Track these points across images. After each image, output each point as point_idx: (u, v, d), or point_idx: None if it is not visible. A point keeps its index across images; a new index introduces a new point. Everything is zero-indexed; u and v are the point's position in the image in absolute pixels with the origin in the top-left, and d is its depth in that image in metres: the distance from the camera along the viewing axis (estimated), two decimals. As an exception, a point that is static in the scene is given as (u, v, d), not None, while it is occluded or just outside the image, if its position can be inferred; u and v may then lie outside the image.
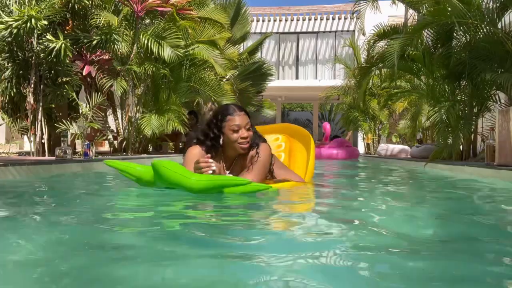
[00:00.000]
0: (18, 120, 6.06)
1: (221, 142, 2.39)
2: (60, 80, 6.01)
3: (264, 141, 2.54)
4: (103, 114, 8.36)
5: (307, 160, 3.11)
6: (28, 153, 6.08)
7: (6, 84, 5.68)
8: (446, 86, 6.62)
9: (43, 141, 5.79)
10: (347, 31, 19.44)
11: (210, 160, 2.18)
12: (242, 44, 13.60)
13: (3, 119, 6.23)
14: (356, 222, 1.70)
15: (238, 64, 12.10)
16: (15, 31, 5.15)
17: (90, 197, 2.54)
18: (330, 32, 20.00)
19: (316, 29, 20.06)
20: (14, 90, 5.71)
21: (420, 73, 7.15)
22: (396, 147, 10.70)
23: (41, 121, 5.70)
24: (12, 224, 1.61)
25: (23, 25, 5.13)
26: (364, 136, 14.08)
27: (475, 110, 6.36)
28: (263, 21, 20.31)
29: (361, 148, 17.21)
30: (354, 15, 8.23)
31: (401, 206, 2.29)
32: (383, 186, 3.60)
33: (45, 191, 2.93)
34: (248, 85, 12.32)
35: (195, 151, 2.40)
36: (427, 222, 1.77)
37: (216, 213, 1.95)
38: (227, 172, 2.49)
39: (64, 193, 2.76)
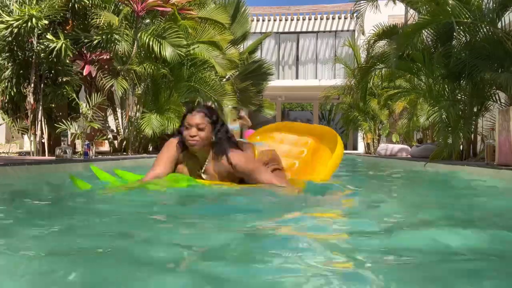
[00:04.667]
0: (18, 120, 6.06)
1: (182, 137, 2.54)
2: (60, 80, 6.02)
3: (241, 148, 2.58)
4: (103, 114, 8.36)
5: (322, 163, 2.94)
6: (28, 153, 6.08)
7: (6, 83, 5.68)
8: (446, 86, 6.63)
9: (43, 140, 5.79)
10: (347, 30, 19.45)
11: None
12: (242, 44, 13.61)
13: (3, 119, 6.23)
14: (355, 221, 1.70)
15: (238, 64, 12.10)
16: (15, 30, 5.15)
17: (89, 197, 2.54)
18: (330, 32, 20.00)
19: (316, 29, 20.06)
20: (14, 90, 5.71)
21: (420, 73, 7.15)
22: (396, 147, 10.70)
23: (41, 121, 5.70)
24: (11, 224, 1.61)
25: (23, 25, 5.13)
26: (364, 136, 14.08)
27: (475, 110, 6.36)
28: (263, 20, 20.31)
29: (361, 147, 17.22)
30: (354, 15, 8.21)
31: (401, 206, 2.29)
32: (383, 186, 3.60)
33: (44, 190, 2.93)
34: (248, 85, 12.32)
35: (172, 145, 2.56)
36: (426, 223, 1.77)
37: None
38: (201, 171, 2.53)
39: (64, 193, 2.75)
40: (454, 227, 1.64)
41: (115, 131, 8.90)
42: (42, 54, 5.61)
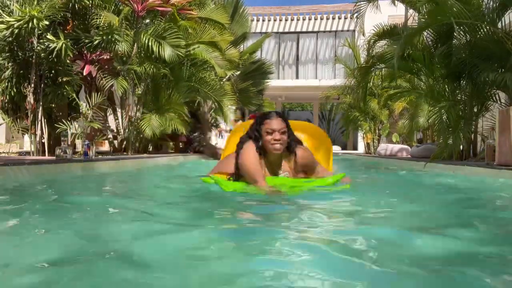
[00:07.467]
0: (18, 119, 6.05)
1: (260, 143, 2.62)
2: (60, 80, 6.01)
3: (301, 144, 2.79)
4: (103, 114, 8.35)
5: (326, 159, 3.27)
6: (28, 153, 6.08)
7: (7, 83, 5.68)
8: (446, 86, 6.62)
9: (43, 140, 5.79)
10: (347, 30, 19.45)
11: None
12: (242, 44, 13.59)
13: (3, 119, 6.22)
14: (353, 221, 1.70)
15: (239, 63, 12.09)
16: (16, 31, 5.15)
17: (89, 197, 2.54)
18: (330, 32, 20.00)
19: (316, 29, 20.06)
20: (15, 90, 5.70)
21: (420, 73, 7.14)
22: (396, 147, 10.69)
23: (41, 120, 5.70)
24: (11, 224, 1.61)
25: (24, 25, 5.13)
26: (364, 136, 14.08)
27: (475, 110, 6.36)
28: (263, 20, 20.31)
29: (361, 147, 17.21)
30: (355, 15, 8.20)
31: (400, 206, 2.29)
32: (382, 186, 3.60)
33: (44, 191, 2.93)
34: (248, 85, 12.32)
35: (253, 151, 2.60)
36: (426, 223, 1.77)
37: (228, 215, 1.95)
38: (280, 170, 2.69)
39: (64, 193, 2.76)
40: (452, 228, 1.64)
41: (115, 131, 8.90)
42: (42, 54, 5.61)
